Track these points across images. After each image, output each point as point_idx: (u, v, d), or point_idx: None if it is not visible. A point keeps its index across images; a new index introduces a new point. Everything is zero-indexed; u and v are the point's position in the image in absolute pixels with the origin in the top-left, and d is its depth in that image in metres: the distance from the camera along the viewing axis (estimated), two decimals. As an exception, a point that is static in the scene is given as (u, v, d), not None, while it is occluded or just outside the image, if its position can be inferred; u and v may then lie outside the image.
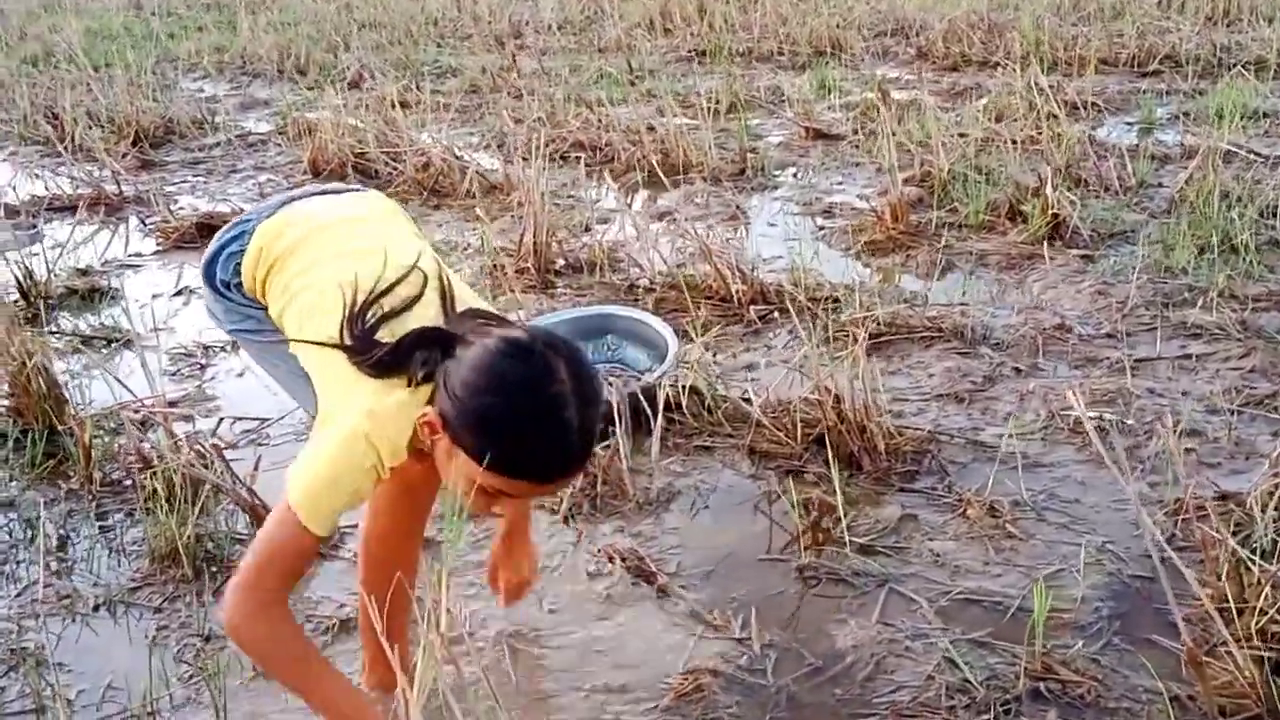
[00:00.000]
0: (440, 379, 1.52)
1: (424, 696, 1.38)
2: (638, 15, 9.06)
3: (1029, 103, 5.22)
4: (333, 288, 1.64)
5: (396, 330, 1.59)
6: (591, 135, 5.52)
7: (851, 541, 2.43)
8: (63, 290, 4.13)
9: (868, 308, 3.39)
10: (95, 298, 4.12)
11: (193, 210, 5.02)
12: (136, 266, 4.46)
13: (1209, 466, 2.63)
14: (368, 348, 1.57)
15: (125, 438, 2.90)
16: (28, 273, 4.02)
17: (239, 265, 1.85)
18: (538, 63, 7.58)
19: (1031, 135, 4.94)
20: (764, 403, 2.90)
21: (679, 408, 2.94)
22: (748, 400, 2.93)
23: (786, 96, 6.40)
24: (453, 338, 1.56)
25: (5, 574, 2.51)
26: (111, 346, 3.68)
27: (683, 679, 2.06)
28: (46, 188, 5.46)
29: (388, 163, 5.29)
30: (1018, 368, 3.15)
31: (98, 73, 7.41)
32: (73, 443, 2.87)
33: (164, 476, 2.59)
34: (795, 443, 2.79)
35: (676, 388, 2.96)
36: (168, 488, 2.58)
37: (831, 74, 6.65)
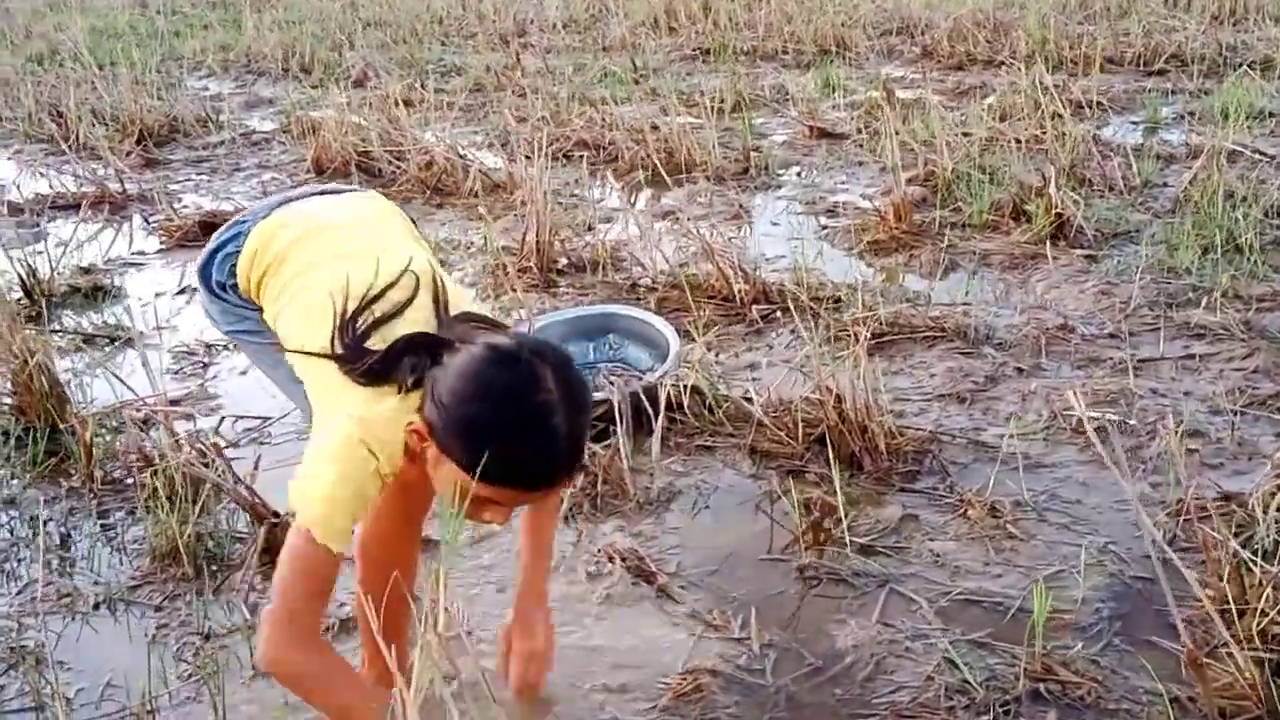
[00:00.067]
0: (428, 386, 1.50)
1: (421, 696, 1.38)
2: (642, 14, 9.06)
3: (1034, 102, 5.21)
4: (324, 295, 1.63)
5: (388, 336, 1.58)
6: (595, 134, 5.52)
7: (852, 542, 2.43)
8: (66, 288, 4.14)
9: (870, 307, 3.39)
10: (98, 296, 4.13)
11: (196, 209, 5.04)
12: (140, 265, 4.47)
13: (1211, 467, 2.62)
14: (358, 356, 1.56)
15: (126, 436, 2.90)
16: (31, 271, 4.03)
17: (234, 266, 1.85)
18: (542, 61, 7.59)
19: (1036, 134, 4.93)
20: (765, 402, 2.89)
21: (680, 407, 2.93)
22: (749, 400, 2.92)
23: (791, 95, 6.40)
24: (442, 343, 1.54)
25: (6, 572, 2.51)
26: (114, 345, 3.68)
27: (682, 679, 2.06)
28: (51, 186, 5.47)
29: (391, 161, 5.30)
30: (1020, 368, 3.14)
31: (102, 71, 7.42)
32: (74, 441, 2.88)
33: (165, 475, 2.59)
34: (796, 442, 2.78)
35: (678, 387, 2.95)
36: (168, 486, 2.58)
37: (836, 73, 6.65)
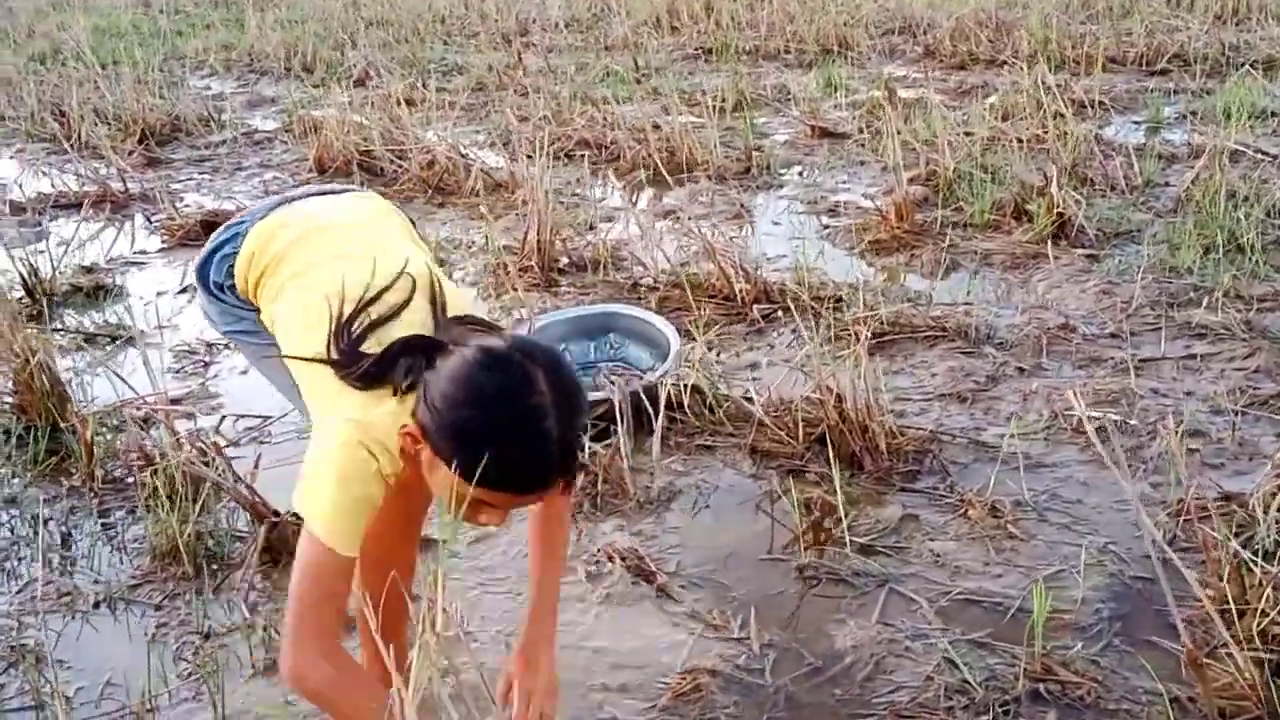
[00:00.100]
0: (421, 390, 1.49)
1: (419, 696, 1.38)
2: (645, 13, 9.05)
3: (1036, 101, 5.20)
4: (321, 297, 1.63)
5: (383, 339, 1.57)
6: (596, 133, 5.52)
7: (852, 541, 2.42)
8: (67, 287, 4.14)
9: (871, 307, 3.38)
10: (100, 295, 4.13)
11: (198, 208, 5.04)
12: (141, 264, 4.47)
13: (1212, 467, 2.61)
14: (353, 360, 1.56)
15: (127, 435, 2.90)
16: (33, 270, 4.03)
17: (232, 267, 1.85)
18: (544, 60, 7.58)
19: (1038, 134, 4.93)
20: (766, 402, 2.89)
21: (681, 407, 2.93)
22: (749, 399, 2.92)
23: (793, 95, 6.39)
24: (436, 345, 1.53)
25: (6, 570, 2.52)
26: (115, 344, 3.68)
27: (681, 678, 2.06)
28: (53, 185, 5.48)
29: (393, 161, 5.30)
30: (1021, 367, 3.14)
31: (105, 70, 7.43)
32: (75, 440, 2.88)
33: (165, 474, 2.59)
34: (797, 442, 2.78)
35: (678, 386, 2.95)
36: (169, 485, 2.58)
37: (838, 72, 6.64)
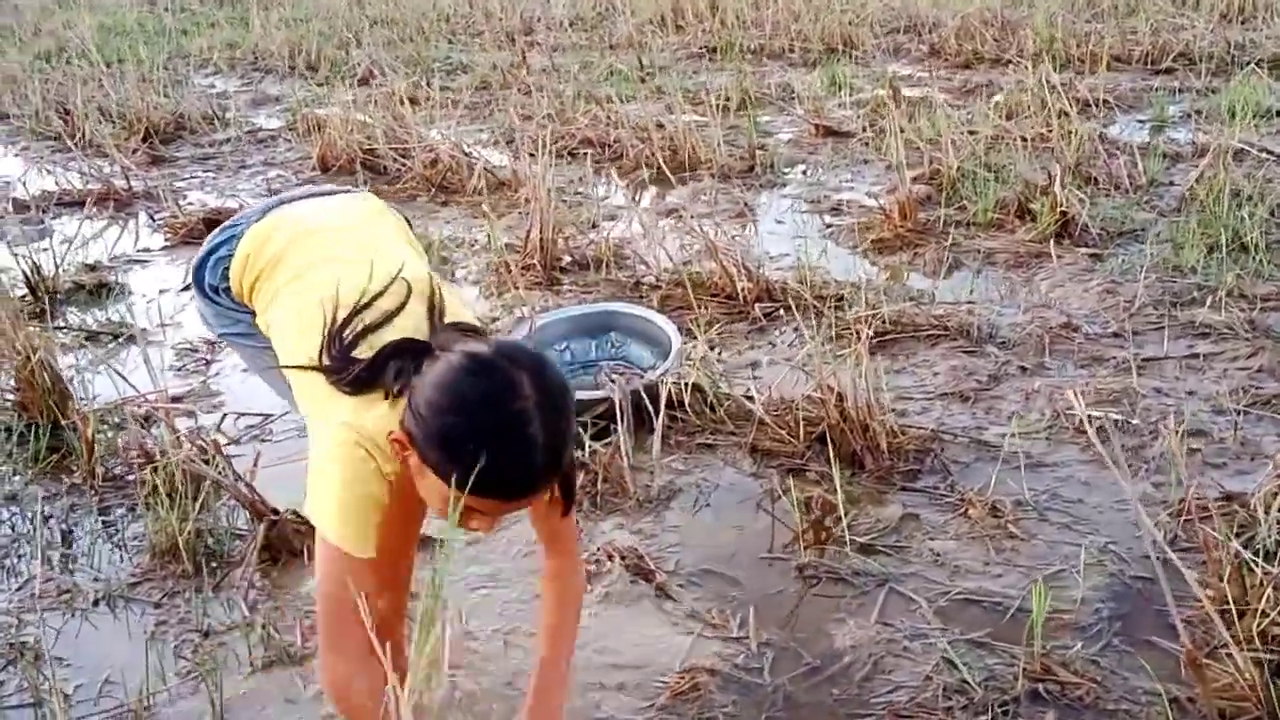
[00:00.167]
0: (407, 396, 1.48)
1: (416, 696, 1.37)
2: (650, 12, 9.05)
3: (1040, 100, 5.19)
4: (315, 301, 1.62)
5: (376, 344, 1.56)
6: (600, 132, 5.51)
7: (852, 541, 2.42)
8: (70, 285, 4.15)
9: (873, 306, 3.38)
10: (102, 293, 4.13)
11: (201, 206, 5.05)
12: (144, 262, 4.47)
13: (1214, 467, 2.60)
14: (344, 366, 1.55)
15: (128, 433, 2.91)
16: (36, 267, 4.04)
17: (227, 270, 1.85)
18: (548, 59, 7.58)
19: (1042, 133, 4.91)
20: (766, 401, 2.89)
21: (681, 405, 2.93)
22: (750, 398, 2.91)
23: (797, 93, 6.38)
24: (425, 350, 1.52)
25: (6, 568, 2.52)
26: (117, 341, 3.68)
27: (679, 677, 2.06)
28: (56, 183, 5.48)
29: (396, 159, 5.30)
30: (1023, 366, 3.13)
31: (110, 68, 7.43)
32: (76, 437, 2.88)
33: (165, 472, 2.59)
34: (797, 441, 2.77)
35: (679, 385, 2.95)
36: (169, 483, 2.58)
37: (843, 71, 6.63)
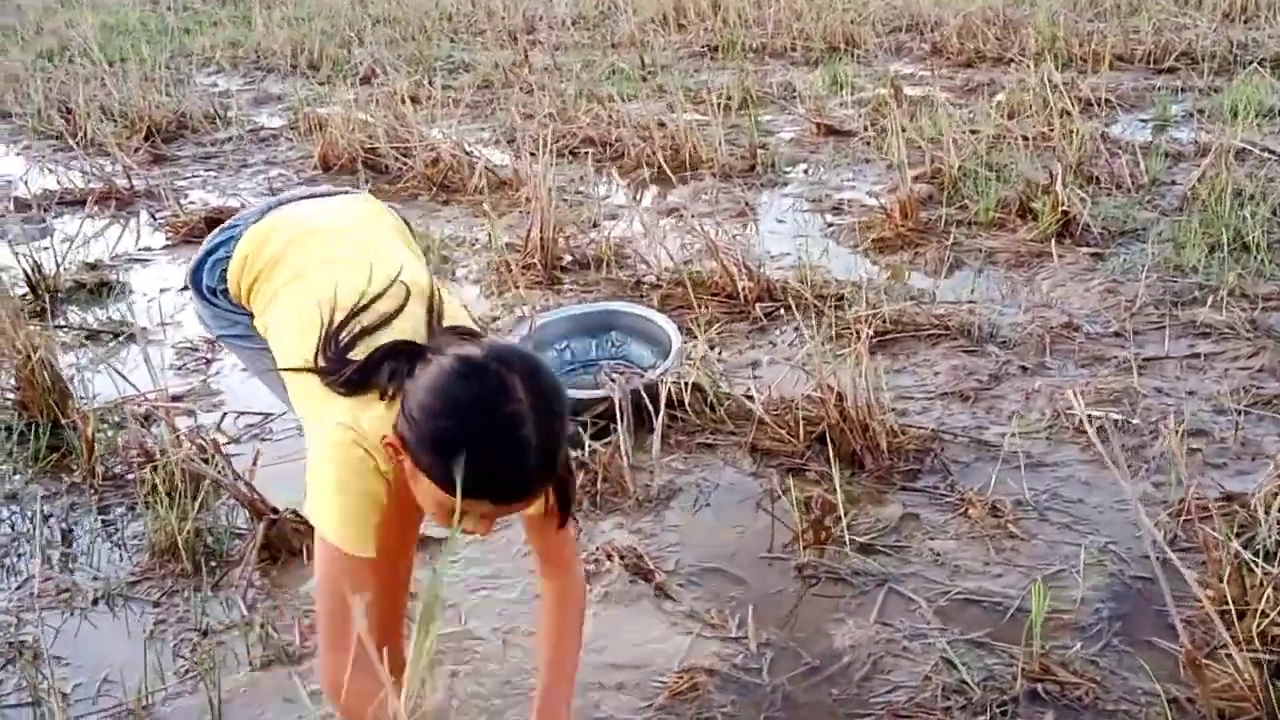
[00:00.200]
0: (400, 400, 1.48)
1: (414, 696, 1.37)
2: (652, 10, 9.04)
3: (1042, 99, 5.18)
4: (313, 304, 1.62)
5: (373, 346, 1.56)
6: (601, 131, 5.51)
7: (852, 540, 2.42)
8: (71, 284, 4.15)
9: (874, 305, 3.37)
10: (103, 292, 4.13)
11: (203, 205, 5.04)
12: (145, 261, 4.47)
13: (1214, 467, 2.60)
14: (338, 368, 1.55)
15: (128, 432, 2.91)
16: (36, 266, 4.04)
17: (225, 272, 1.84)
18: (550, 58, 7.57)
19: (1044, 132, 4.91)
20: (766, 400, 2.88)
21: (681, 405, 2.93)
22: (750, 398, 2.91)
23: (798, 92, 6.37)
24: (419, 351, 1.52)
25: (6, 567, 2.52)
26: (117, 340, 3.68)
27: (678, 677, 2.05)
28: (58, 182, 5.48)
29: (398, 158, 5.30)
30: (1024, 366, 3.12)
31: (112, 67, 7.43)
32: (76, 436, 2.88)
33: (165, 471, 2.59)
34: (797, 441, 2.77)
35: (679, 384, 2.94)
36: (169, 482, 2.58)
37: (844, 70, 6.63)
